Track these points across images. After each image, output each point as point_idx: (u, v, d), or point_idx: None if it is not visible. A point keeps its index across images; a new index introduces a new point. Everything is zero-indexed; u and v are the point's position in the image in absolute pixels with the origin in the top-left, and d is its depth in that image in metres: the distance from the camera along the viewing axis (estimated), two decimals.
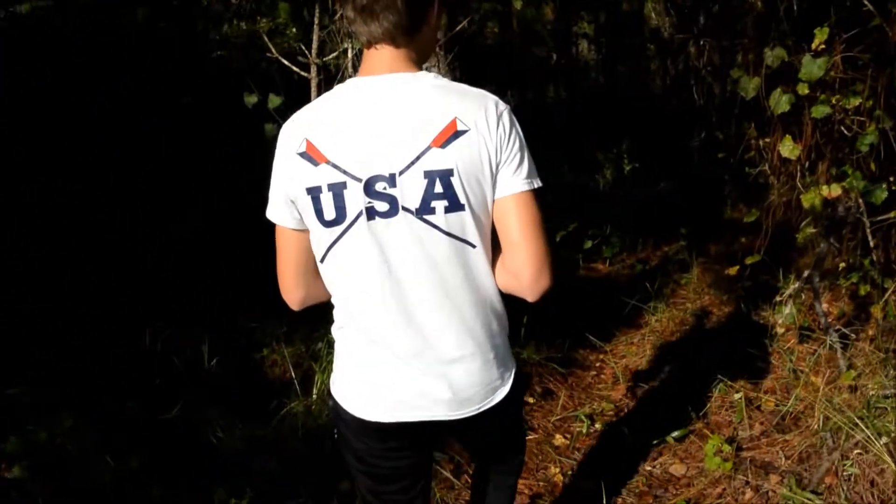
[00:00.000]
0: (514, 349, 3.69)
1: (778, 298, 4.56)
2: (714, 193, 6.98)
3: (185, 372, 3.90)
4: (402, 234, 1.59)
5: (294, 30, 3.93)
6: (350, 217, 1.58)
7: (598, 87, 12.81)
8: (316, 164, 1.57)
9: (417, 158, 1.54)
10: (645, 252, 6.25)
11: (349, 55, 3.37)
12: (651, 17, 11.76)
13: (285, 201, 1.64)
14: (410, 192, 1.55)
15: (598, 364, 4.39)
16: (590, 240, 5.89)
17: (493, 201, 1.59)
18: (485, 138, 1.54)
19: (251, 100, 3.65)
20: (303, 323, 4.09)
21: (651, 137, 9.04)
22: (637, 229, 6.45)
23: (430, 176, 1.54)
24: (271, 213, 1.68)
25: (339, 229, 1.60)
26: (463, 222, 1.58)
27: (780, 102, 3.31)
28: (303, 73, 3.55)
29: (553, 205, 7.05)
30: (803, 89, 3.21)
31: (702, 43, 6.03)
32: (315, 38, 3.49)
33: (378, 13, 1.55)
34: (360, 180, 1.56)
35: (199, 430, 3.48)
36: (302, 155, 1.58)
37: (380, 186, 1.55)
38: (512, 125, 1.57)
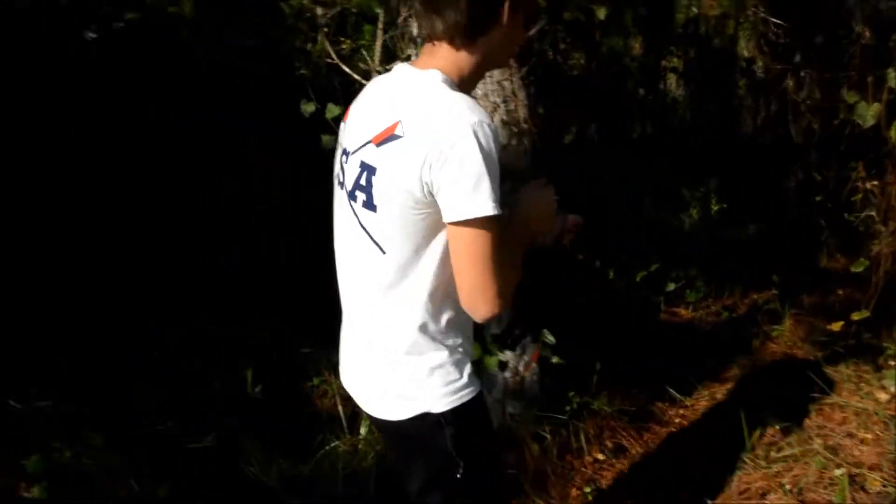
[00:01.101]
0: (584, 398, 3.34)
1: (882, 360, 4.07)
2: (809, 240, 6.46)
3: (225, 396, 3.64)
4: (341, 207, 1.71)
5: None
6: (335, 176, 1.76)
7: (686, 124, 12.34)
8: (343, 124, 1.77)
9: (360, 147, 1.62)
10: (732, 299, 5.77)
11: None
12: (744, 53, 11.28)
13: None
14: (349, 174, 1.66)
15: (676, 420, 3.96)
16: (672, 282, 5.45)
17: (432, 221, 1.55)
18: (420, 152, 1.48)
19: (308, 108, 3.40)
20: None
21: (741, 177, 8.57)
22: (724, 274, 5.97)
23: (363, 167, 1.60)
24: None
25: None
26: (374, 223, 1.61)
27: None
28: (364, 82, 3.26)
29: (634, 243, 6.66)
30: None
31: (802, 75, 5.57)
32: (378, 44, 3.20)
33: (441, 9, 1.53)
34: (341, 148, 1.73)
35: (234, 460, 3.27)
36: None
37: (343, 159, 1.69)
38: (464, 151, 1.44)
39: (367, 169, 1.59)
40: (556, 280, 5.45)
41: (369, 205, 1.60)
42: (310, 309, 4.11)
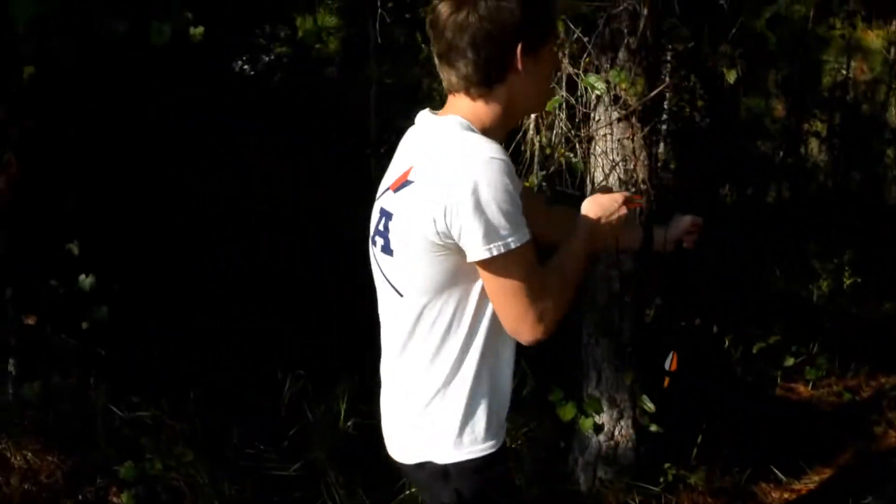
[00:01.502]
0: (680, 470, 3.22)
1: None
2: None
3: (318, 428, 3.70)
4: (372, 258, 1.70)
5: None
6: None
7: (825, 191, 11.86)
8: None
9: (381, 195, 1.65)
10: (856, 380, 5.44)
11: (532, 116, 3.07)
12: (893, 121, 10.79)
13: None
14: (372, 222, 1.68)
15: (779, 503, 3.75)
16: (792, 357, 5.19)
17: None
18: (432, 196, 1.48)
19: None
20: None
21: (880, 251, 8.14)
22: (850, 352, 5.66)
23: (382, 213, 1.63)
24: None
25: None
26: (392, 267, 1.62)
27: None
28: None
29: (756, 312, 6.41)
30: None
31: None
32: None
33: (453, 61, 1.54)
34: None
35: (318, 491, 3.28)
36: None
37: (373, 208, 1.69)
38: (474, 192, 1.42)
39: (385, 215, 1.60)
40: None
41: (387, 249, 1.61)
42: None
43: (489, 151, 1.45)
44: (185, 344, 4.16)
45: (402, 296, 1.61)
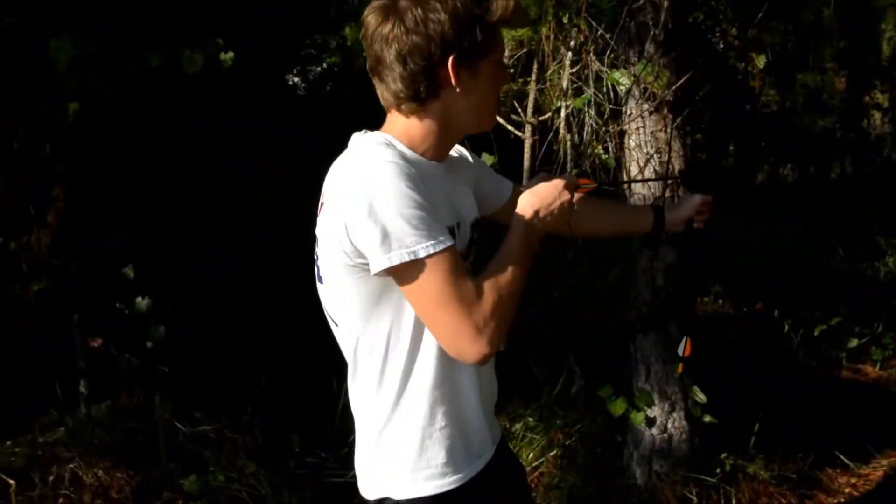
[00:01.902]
0: (738, 460, 3.19)
1: None
2: None
3: None
4: None
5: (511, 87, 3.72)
6: None
7: (890, 165, 11.52)
8: None
9: (315, 221, 1.51)
10: None
11: (562, 114, 3.08)
12: None
13: None
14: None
15: (846, 489, 3.67)
16: (856, 338, 5.07)
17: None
18: (338, 215, 1.39)
19: None
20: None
21: None
22: None
23: (315, 240, 1.51)
24: None
25: None
26: (324, 295, 1.53)
27: None
28: (517, 133, 3.31)
29: (818, 293, 6.28)
30: None
31: None
32: (531, 96, 3.24)
33: (383, 76, 1.46)
34: None
35: None
36: None
37: None
38: (362, 201, 1.33)
39: (315, 241, 1.50)
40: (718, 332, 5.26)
41: (319, 277, 1.51)
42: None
43: (381, 157, 1.37)
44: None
45: (337, 325, 1.52)
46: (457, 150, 1.66)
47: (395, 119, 1.49)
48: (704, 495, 3.30)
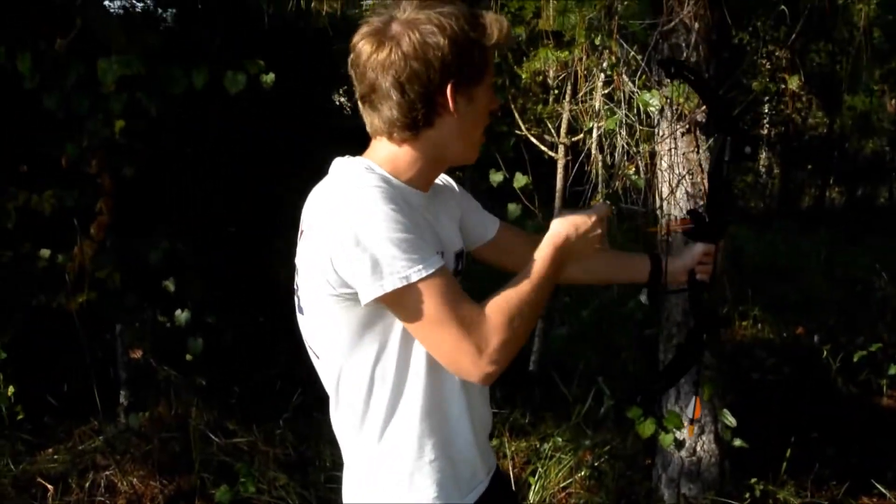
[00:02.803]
0: (768, 486, 3.16)
1: None
2: None
3: None
4: None
5: (542, 105, 3.76)
6: None
7: None
8: None
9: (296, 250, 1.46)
10: None
11: (594, 135, 3.11)
12: None
13: None
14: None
15: None
16: None
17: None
18: (319, 243, 1.34)
19: (497, 178, 3.52)
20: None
21: None
22: None
23: (295, 269, 1.45)
24: None
25: None
26: (305, 327, 1.47)
27: None
28: (550, 153, 3.34)
29: (860, 319, 6.18)
30: None
31: None
32: (565, 117, 3.27)
33: (377, 104, 1.38)
34: None
35: None
36: None
37: None
38: (347, 229, 1.28)
39: (296, 270, 1.45)
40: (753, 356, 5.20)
41: (300, 307, 1.46)
42: None
43: (364, 182, 1.33)
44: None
45: (318, 357, 1.47)
46: (442, 179, 1.61)
47: (380, 146, 1.43)
48: None
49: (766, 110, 11.81)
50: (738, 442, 3.32)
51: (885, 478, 3.85)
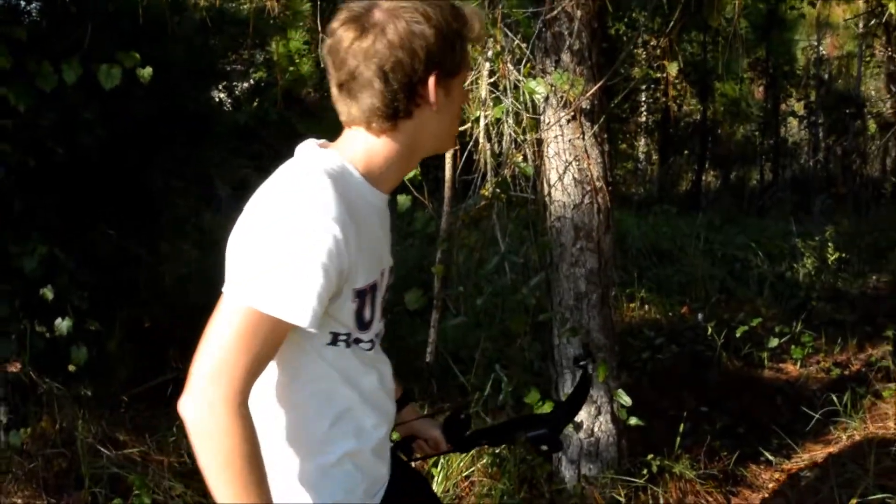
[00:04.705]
0: (664, 461, 3.24)
1: None
2: None
3: None
4: None
5: None
6: None
7: (806, 169, 11.91)
8: None
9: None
10: (846, 354, 5.48)
11: (481, 124, 3.11)
12: (871, 93, 10.82)
13: None
14: None
15: (770, 485, 3.77)
16: (776, 338, 5.22)
17: None
18: (242, 228, 1.30)
19: None
20: None
21: (864, 225, 8.16)
22: (839, 328, 5.69)
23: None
24: None
25: None
26: None
27: None
28: None
29: (739, 295, 6.46)
30: None
31: None
32: None
33: (356, 92, 1.33)
34: None
35: None
36: None
37: None
38: (262, 225, 1.25)
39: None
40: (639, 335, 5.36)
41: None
42: None
43: (310, 204, 1.25)
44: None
45: None
46: None
47: (356, 137, 1.38)
48: (633, 496, 3.35)
49: (644, 98, 12.25)
50: (633, 420, 3.41)
51: (770, 445, 4.03)
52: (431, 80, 1.33)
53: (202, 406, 1.20)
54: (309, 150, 1.38)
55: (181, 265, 5.34)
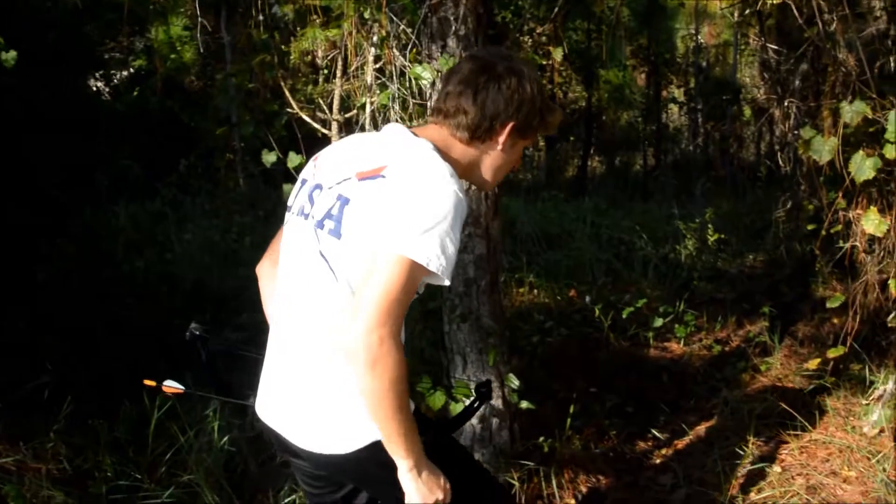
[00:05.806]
0: (555, 443, 3.28)
1: (864, 401, 3.96)
2: (804, 269, 6.37)
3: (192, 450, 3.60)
4: (301, 236, 1.78)
5: (313, 86, 3.67)
6: (292, 209, 1.86)
7: (687, 154, 12.32)
8: (313, 164, 1.88)
9: (341, 182, 1.73)
10: (726, 331, 5.68)
11: (367, 110, 3.06)
12: (746, 81, 11.27)
13: None
14: (321, 205, 1.75)
15: (658, 460, 3.88)
16: (660, 318, 5.36)
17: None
18: (396, 194, 1.62)
19: (269, 158, 3.40)
20: None
21: (741, 207, 8.49)
22: (719, 306, 5.90)
23: (339, 198, 1.71)
24: None
25: (287, 215, 1.88)
26: (335, 251, 1.70)
27: (863, 168, 2.82)
28: (324, 130, 3.26)
29: (624, 277, 6.61)
30: (891, 152, 2.73)
31: (786, 105, 5.51)
32: (336, 93, 3.20)
33: (451, 115, 1.77)
34: (312, 183, 1.82)
35: None
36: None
37: (315, 192, 1.79)
38: (436, 199, 1.60)
39: (343, 200, 1.70)
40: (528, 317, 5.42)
41: (336, 232, 1.69)
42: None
43: (458, 185, 1.63)
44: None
45: (336, 280, 1.69)
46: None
47: (442, 130, 1.79)
48: (526, 479, 3.38)
49: None
50: (524, 404, 3.43)
51: (658, 422, 4.15)
52: (509, 126, 1.77)
53: (374, 341, 1.54)
54: (412, 136, 1.75)
55: (57, 262, 5.09)
